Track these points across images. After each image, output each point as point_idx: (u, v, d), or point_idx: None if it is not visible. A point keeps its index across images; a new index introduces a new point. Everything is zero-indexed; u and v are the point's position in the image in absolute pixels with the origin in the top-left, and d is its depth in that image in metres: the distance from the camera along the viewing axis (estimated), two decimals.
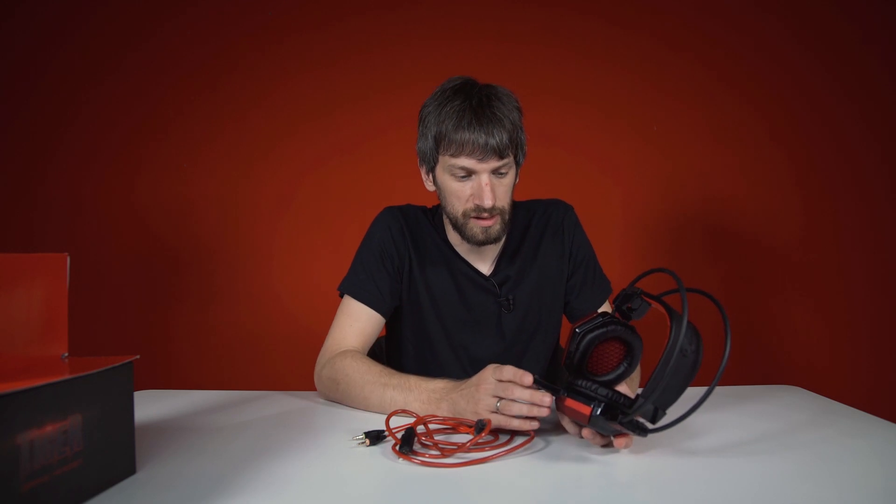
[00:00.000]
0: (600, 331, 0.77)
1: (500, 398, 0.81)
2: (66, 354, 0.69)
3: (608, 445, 0.77)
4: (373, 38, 2.14)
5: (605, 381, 0.78)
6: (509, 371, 0.81)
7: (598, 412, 0.72)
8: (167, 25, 2.16)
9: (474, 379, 0.86)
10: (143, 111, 2.16)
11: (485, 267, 1.19)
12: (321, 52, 2.14)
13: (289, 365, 2.03)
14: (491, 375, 0.83)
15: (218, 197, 2.16)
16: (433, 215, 1.23)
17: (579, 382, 0.76)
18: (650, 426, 0.72)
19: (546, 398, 0.78)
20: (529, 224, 1.23)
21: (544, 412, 0.79)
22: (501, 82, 1.11)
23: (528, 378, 0.79)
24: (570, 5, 2.12)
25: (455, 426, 0.83)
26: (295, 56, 2.15)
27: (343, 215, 2.11)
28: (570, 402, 0.75)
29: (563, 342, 1.24)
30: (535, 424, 0.80)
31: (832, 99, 2.09)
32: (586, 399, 0.73)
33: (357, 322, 1.12)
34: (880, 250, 2.08)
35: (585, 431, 0.76)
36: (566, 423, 0.81)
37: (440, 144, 1.06)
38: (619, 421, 0.71)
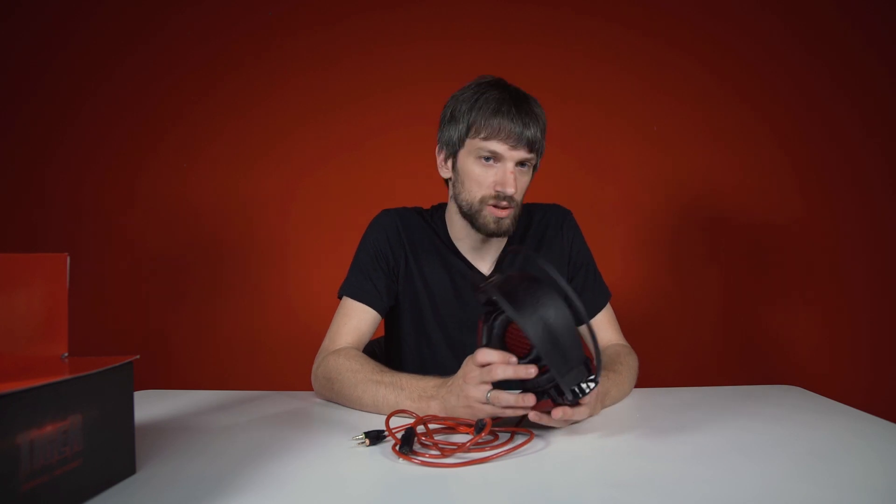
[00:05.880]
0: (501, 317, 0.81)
1: (490, 386, 0.81)
2: (66, 354, 0.69)
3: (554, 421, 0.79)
4: (373, 38, 2.14)
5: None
6: (489, 353, 0.80)
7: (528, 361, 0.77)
8: (167, 25, 2.16)
9: (459, 371, 0.86)
10: (143, 111, 2.17)
11: (485, 266, 1.19)
12: (321, 52, 2.14)
13: (289, 365, 2.03)
14: (472, 362, 0.83)
15: (218, 197, 2.16)
16: (431, 216, 1.23)
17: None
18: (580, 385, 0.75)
19: (531, 369, 0.77)
20: (529, 225, 1.23)
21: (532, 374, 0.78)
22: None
23: (511, 356, 0.79)
24: (570, 5, 2.12)
25: (455, 426, 0.83)
26: (295, 56, 2.15)
27: (343, 215, 2.11)
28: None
29: None
30: (530, 400, 0.77)
31: (832, 99, 2.09)
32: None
33: (352, 320, 1.12)
34: (880, 250, 2.08)
35: (531, 414, 0.78)
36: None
37: (472, 128, 1.06)
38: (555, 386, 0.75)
